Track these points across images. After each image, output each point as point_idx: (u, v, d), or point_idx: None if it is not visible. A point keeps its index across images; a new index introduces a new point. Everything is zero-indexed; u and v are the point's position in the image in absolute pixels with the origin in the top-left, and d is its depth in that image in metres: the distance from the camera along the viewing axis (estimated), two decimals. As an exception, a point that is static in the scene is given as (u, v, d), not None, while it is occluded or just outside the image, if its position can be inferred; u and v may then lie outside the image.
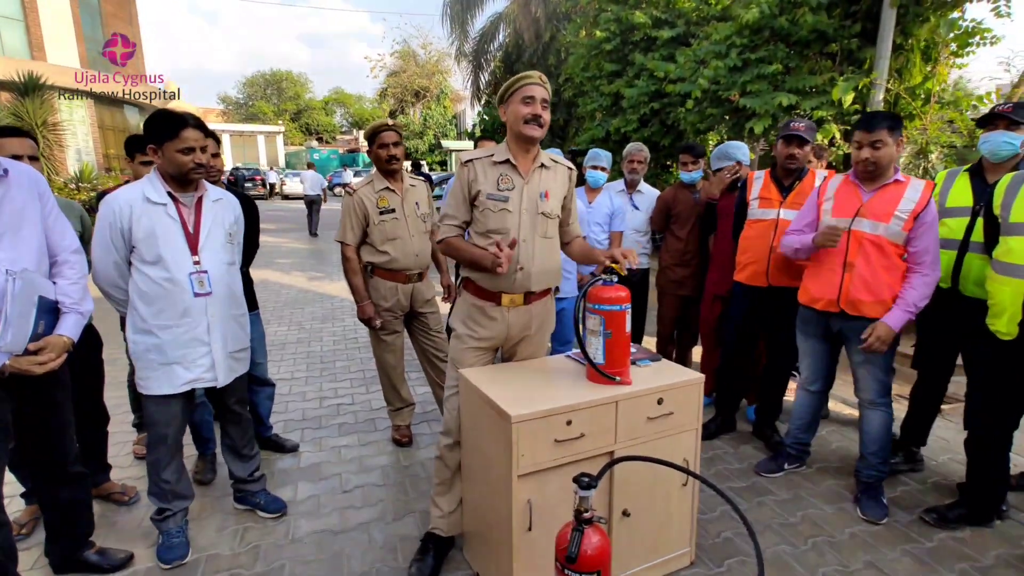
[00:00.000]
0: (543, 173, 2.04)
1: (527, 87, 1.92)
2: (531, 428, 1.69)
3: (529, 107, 1.91)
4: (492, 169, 1.99)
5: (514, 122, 1.94)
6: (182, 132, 1.91)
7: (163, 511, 2.17)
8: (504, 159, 1.99)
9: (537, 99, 1.92)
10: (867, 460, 2.48)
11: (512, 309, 2.04)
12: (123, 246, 1.95)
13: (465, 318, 2.08)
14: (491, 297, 2.02)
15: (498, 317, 2.03)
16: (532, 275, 2.01)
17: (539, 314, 2.11)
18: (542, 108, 1.93)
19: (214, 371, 2.07)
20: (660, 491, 1.99)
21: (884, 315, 2.29)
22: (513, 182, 1.98)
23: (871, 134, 2.24)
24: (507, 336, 2.08)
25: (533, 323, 2.09)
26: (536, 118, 1.92)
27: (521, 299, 2.04)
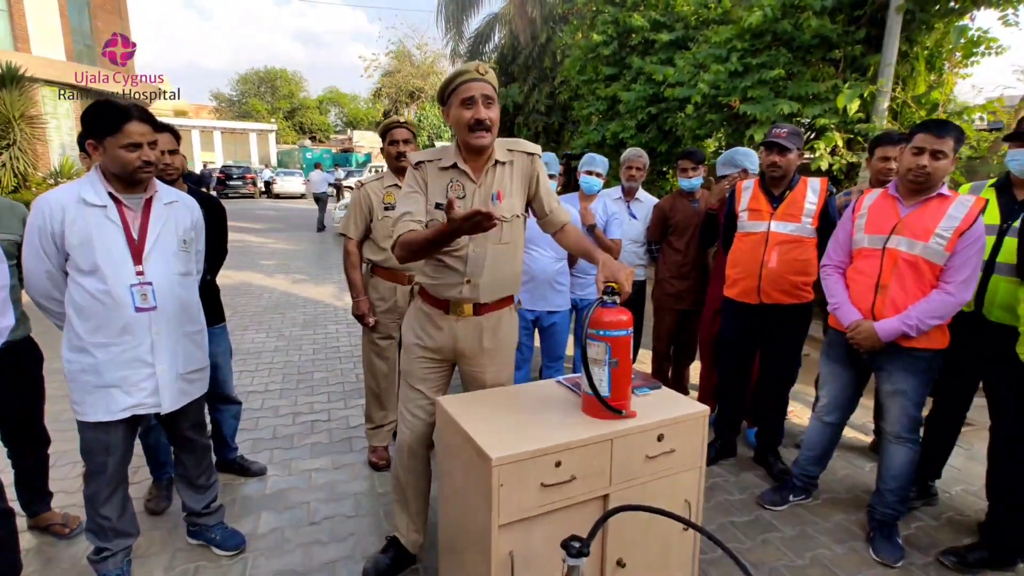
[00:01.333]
0: (497, 171, 1.82)
1: (465, 86, 1.68)
2: (515, 471, 1.47)
3: (470, 110, 1.67)
4: (440, 176, 1.80)
5: (458, 129, 1.73)
6: (125, 126, 1.68)
7: (101, 551, 1.93)
8: (452, 164, 1.79)
9: (478, 98, 1.67)
10: (884, 497, 2.29)
11: (460, 320, 1.87)
12: (56, 253, 1.72)
13: (414, 325, 1.94)
14: (440, 305, 1.87)
15: (445, 327, 1.88)
16: (481, 287, 1.83)
17: (492, 327, 1.91)
18: (485, 108, 1.68)
19: (158, 396, 1.84)
20: (658, 538, 1.78)
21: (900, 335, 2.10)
22: (464, 188, 1.79)
23: (939, 140, 2.00)
24: (455, 349, 1.90)
25: (485, 336, 1.90)
26: (480, 123, 1.68)
27: (471, 309, 1.86)
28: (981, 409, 2.57)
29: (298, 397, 3.77)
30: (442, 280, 1.84)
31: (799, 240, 2.59)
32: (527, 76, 11.70)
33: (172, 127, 2.30)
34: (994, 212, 2.23)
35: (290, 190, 24.90)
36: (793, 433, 3.30)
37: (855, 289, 2.24)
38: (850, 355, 2.30)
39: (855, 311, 2.22)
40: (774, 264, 2.61)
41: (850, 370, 2.35)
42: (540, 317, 2.99)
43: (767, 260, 2.62)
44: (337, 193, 21.29)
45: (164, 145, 2.18)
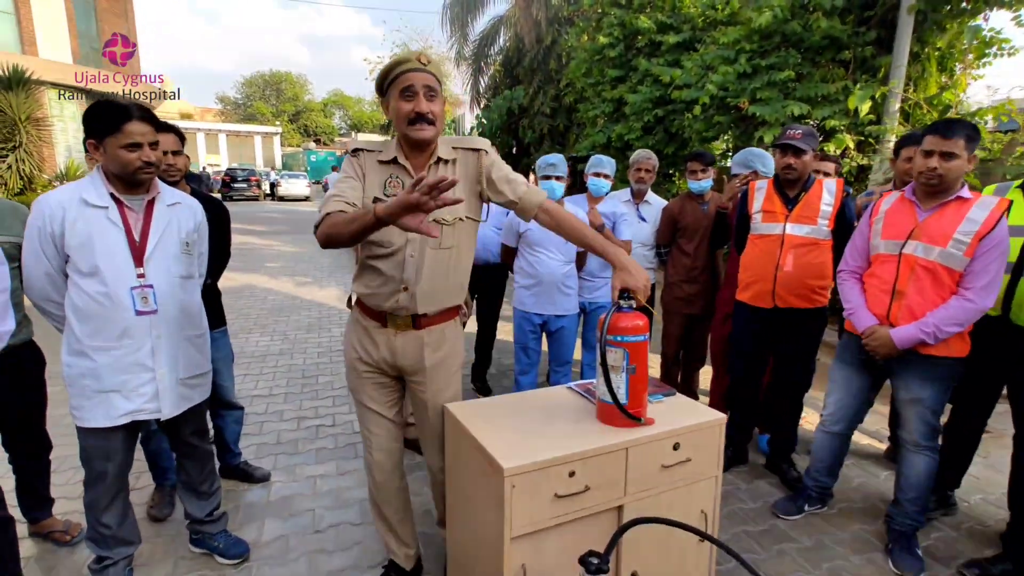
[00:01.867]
0: (439, 169, 1.68)
1: (404, 76, 1.55)
2: (528, 482, 1.42)
3: (410, 103, 1.55)
4: (379, 169, 1.67)
5: (397, 122, 1.60)
6: (125, 126, 1.64)
7: (102, 560, 1.89)
8: (391, 158, 1.66)
9: (418, 89, 1.55)
10: (903, 507, 2.22)
11: (399, 334, 1.74)
12: (56, 255, 1.68)
13: (353, 339, 1.81)
14: (377, 317, 1.74)
15: (381, 342, 1.75)
16: (419, 296, 1.68)
17: (434, 342, 1.77)
18: (427, 100, 1.56)
19: (158, 401, 1.79)
20: (674, 550, 1.73)
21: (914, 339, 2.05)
22: (402, 185, 1.65)
23: (947, 141, 1.95)
24: (394, 365, 1.77)
25: (426, 352, 1.76)
26: (420, 117, 1.56)
27: (409, 322, 1.72)
28: (999, 416, 2.51)
29: (302, 401, 3.73)
30: (378, 288, 1.70)
31: (815, 243, 2.53)
32: (532, 78, 11.66)
33: (176, 128, 2.26)
34: (1021, 213, 2.17)
35: (295, 192, 24.92)
36: (806, 440, 3.23)
37: (871, 294, 2.19)
38: (864, 360, 2.25)
39: (871, 316, 2.16)
40: (790, 267, 2.55)
41: (863, 376, 2.30)
42: (548, 321, 2.94)
43: (783, 263, 2.56)
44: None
45: (167, 146, 2.15)
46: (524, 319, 2.96)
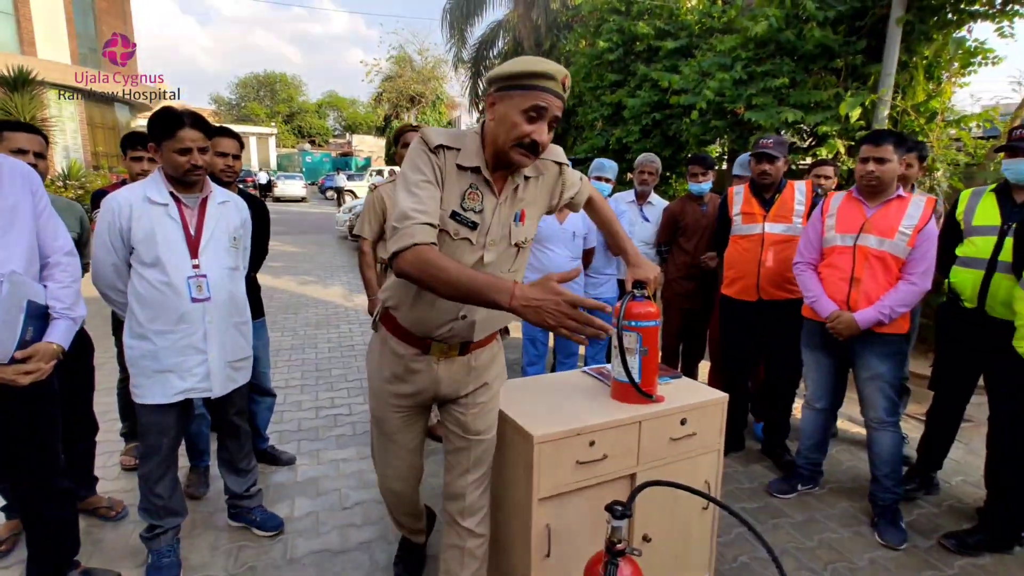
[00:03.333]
0: (524, 187, 1.48)
1: (541, 94, 1.29)
2: (553, 449, 1.60)
3: (532, 124, 1.31)
4: (458, 176, 1.38)
5: (504, 133, 1.33)
6: (178, 132, 1.81)
7: (153, 528, 2.05)
8: (475, 166, 1.39)
9: (548, 115, 1.32)
10: (881, 483, 2.43)
11: (443, 361, 1.54)
12: (122, 247, 1.84)
13: (383, 366, 1.58)
14: (417, 344, 1.51)
15: (423, 369, 1.53)
16: (476, 323, 1.49)
17: (482, 367, 1.60)
18: (550, 129, 1.34)
19: (209, 381, 1.96)
20: (681, 515, 1.91)
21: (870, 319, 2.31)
22: (483, 201, 1.40)
23: (877, 148, 2.28)
24: (436, 394, 1.58)
25: (471, 378, 1.58)
26: (535, 146, 1.33)
27: (457, 349, 1.54)
28: (980, 408, 2.71)
29: (319, 392, 3.89)
30: (426, 314, 1.45)
31: (791, 239, 2.76)
32: (531, 82, 11.87)
33: (237, 135, 2.46)
34: (995, 214, 2.37)
35: (290, 193, 25.01)
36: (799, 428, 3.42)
37: (830, 283, 2.43)
38: (827, 343, 2.48)
39: (832, 303, 2.40)
40: (771, 263, 2.77)
41: (829, 357, 2.54)
42: None
43: (764, 259, 2.78)
44: (338, 198, 21.42)
45: (229, 149, 2.37)
46: None
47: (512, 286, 1.18)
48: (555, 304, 1.16)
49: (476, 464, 1.65)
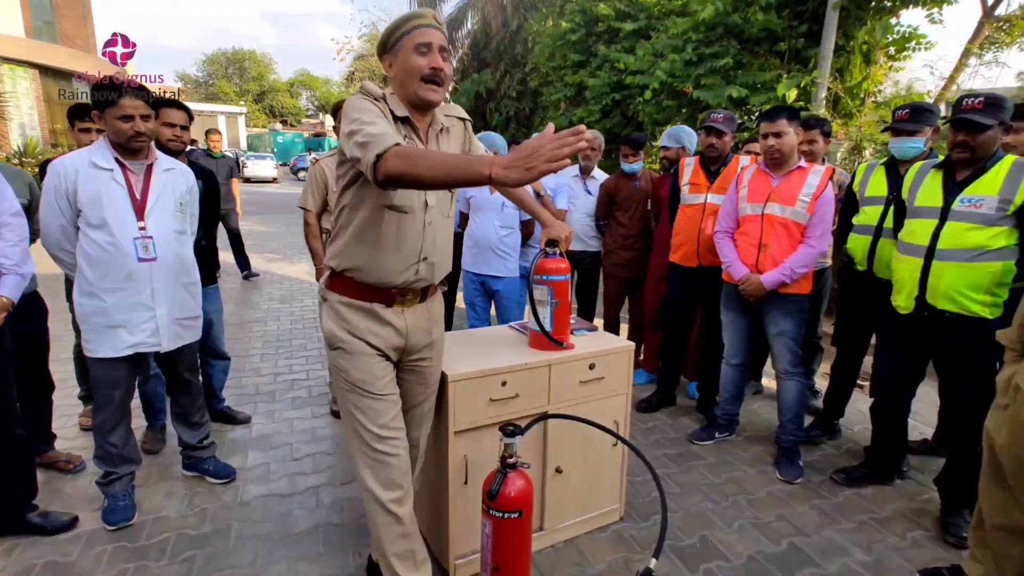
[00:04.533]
0: (442, 138, 1.61)
1: (421, 31, 1.43)
2: (467, 387, 1.80)
3: (426, 58, 1.43)
4: (395, 127, 1.47)
5: (406, 79, 1.45)
6: (120, 100, 1.93)
7: (109, 475, 2.20)
8: (404, 115, 1.50)
9: (435, 47, 1.44)
10: (784, 427, 2.70)
11: (407, 310, 1.59)
12: (69, 209, 1.96)
13: (347, 327, 1.55)
14: (379, 296, 1.54)
15: (392, 320, 1.57)
16: (436, 265, 1.61)
17: (437, 312, 1.72)
18: (442, 59, 1.46)
19: (158, 336, 2.10)
20: (591, 451, 2.14)
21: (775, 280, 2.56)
22: (417, 147, 1.52)
23: (773, 124, 2.50)
24: (402, 347, 1.61)
25: (432, 324, 1.69)
26: (437, 72, 1.44)
27: (419, 296, 1.61)
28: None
29: (278, 360, 4.03)
30: (387, 262, 1.51)
31: None
32: (499, 62, 11.91)
33: (186, 106, 2.57)
34: (883, 185, 2.63)
35: (261, 174, 24.59)
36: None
37: (743, 249, 2.67)
38: (742, 304, 2.72)
39: (744, 267, 2.64)
40: (709, 231, 2.98)
41: (744, 317, 2.78)
42: (487, 281, 3.25)
43: (704, 227, 3.00)
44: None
45: (178, 120, 2.49)
46: (467, 278, 3.31)
47: (490, 158, 1.20)
48: (533, 150, 1.13)
49: (428, 413, 1.78)
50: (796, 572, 2.01)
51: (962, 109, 2.07)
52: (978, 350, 2.07)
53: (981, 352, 2.07)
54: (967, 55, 4.95)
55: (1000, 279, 2.02)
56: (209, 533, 2.15)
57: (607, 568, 2.02)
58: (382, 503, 1.56)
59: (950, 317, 2.11)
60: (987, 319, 2.06)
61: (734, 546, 2.15)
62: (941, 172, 2.17)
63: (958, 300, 2.06)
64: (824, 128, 3.06)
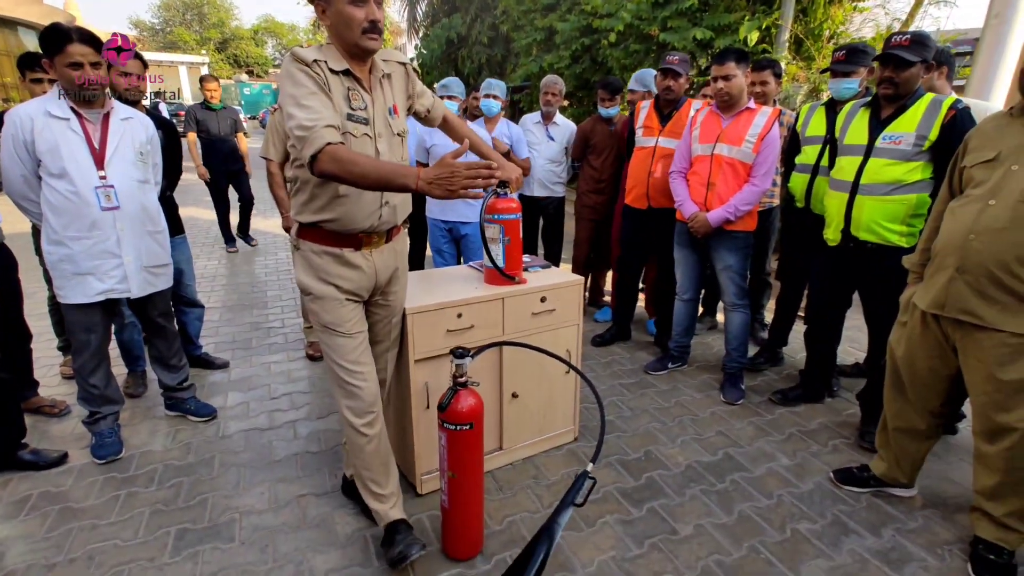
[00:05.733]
0: (385, 84, 1.66)
1: None
2: (425, 319, 1.95)
3: (362, 9, 1.46)
4: (336, 81, 1.51)
5: (344, 30, 1.48)
6: (67, 47, 1.94)
7: (94, 414, 2.33)
8: (344, 68, 1.53)
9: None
10: (730, 354, 2.93)
11: (375, 251, 1.69)
12: (28, 159, 2.01)
13: (320, 273, 1.64)
14: (349, 242, 1.64)
15: (361, 263, 1.66)
16: (397, 208, 1.70)
17: (401, 249, 1.83)
18: (377, 7, 1.50)
19: (127, 283, 2.19)
20: (545, 378, 2.32)
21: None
22: (363, 98, 1.57)
23: (722, 67, 2.59)
24: (373, 286, 1.72)
25: (398, 261, 1.79)
26: (374, 25, 1.48)
27: (384, 237, 1.71)
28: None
29: (254, 311, 4.14)
30: (350, 209, 1.58)
31: None
32: (469, 6, 11.54)
33: (141, 55, 2.55)
34: (823, 125, 2.76)
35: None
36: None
37: (693, 188, 2.80)
38: (692, 241, 2.88)
39: (694, 205, 2.78)
40: (659, 174, 3.10)
41: (694, 253, 2.95)
42: (454, 228, 3.37)
43: (653, 170, 3.11)
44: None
45: (133, 70, 2.51)
46: (434, 225, 3.41)
47: (416, 170, 1.39)
48: (452, 174, 1.37)
49: (394, 343, 1.91)
50: (727, 476, 2.26)
51: (890, 46, 2.19)
52: (895, 276, 2.26)
53: (897, 278, 2.27)
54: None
55: (915, 210, 2.20)
56: (194, 463, 2.32)
57: (560, 479, 2.25)
58: (355, 427, 1.72)
59: (871, 247, 2.29)
60: (904, 248, 2.25)
61: (675, 457, 2.39)
62: (868, 111, 2.31)
63: (877, 231, 2.25)
64: (775, 69, 3.15)
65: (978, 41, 3.86)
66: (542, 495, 2.14)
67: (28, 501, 2.08)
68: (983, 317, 1.67)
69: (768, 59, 3.27)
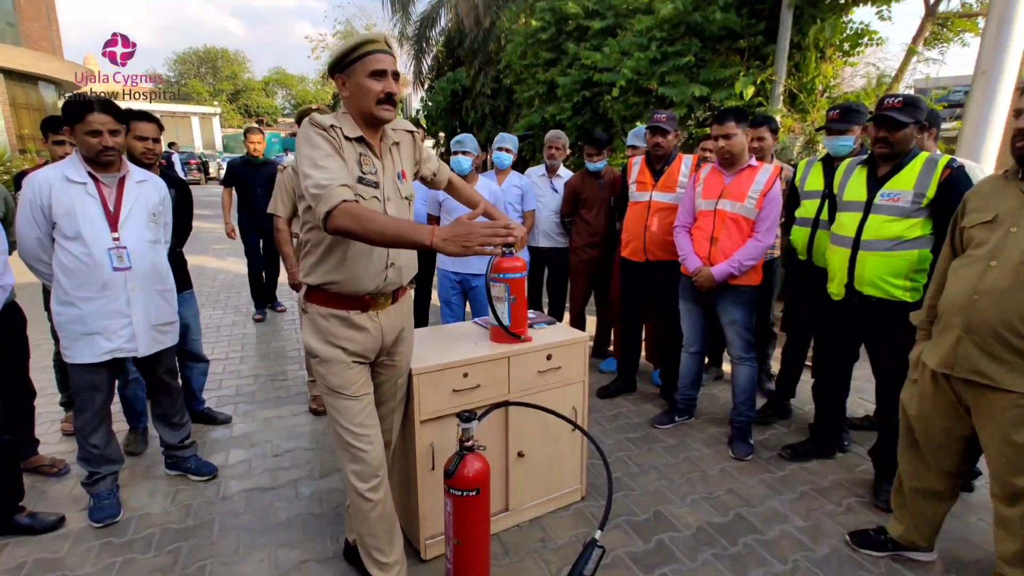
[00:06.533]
0: (394, 151, 1.75)
1: (374, 57, 1.55)
2: (430, 380, 1.94)
3: (380, 83, 1.56)
4: (349, 146, 1.60)
5: (361, 100, 1.58)
6: (88, 116, 2.03)
7: (93, 475, 2.30)
8: (358, 135, 1.62)
9: (389, 72, 1.58)
10: (737, 408, 2.89)
11: (382, 313, 1.72)
12: (44, 222, 2.06)
13: (327, 335, 1.66)
14: (356, 304, 1.67)
15: (368, 325, 1.69)
16: (403, 269, 1.75)
17: (407, 309, 1.87)
18: (396, 81, 1.60)
19: (135, 342, 2.20)
20: (551, 436, 2.29)
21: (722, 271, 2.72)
22: (373, 164, 1.65)
23: (722, 127, 2.65)
24: (379, 347, 1.74)
25: (404, 321, 1.83)
26: (390, 97, 1.58)
27: (390, 298, 1.75)
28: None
29: (257, 362, 4.13)
30: (359, 272, 1.63)
31: (675, 207, 3.13)
32: (473, 60, 11.98)
33: (156, 118, 2.64)
34: (820, 180, 2.82)
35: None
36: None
37: (697, 242, 2.83)
38: (697, 295, 2.89)
39: (697, 260, 2.80)
40: (655, 228, 3.15)
41: (699, 307, 2.94)
42: (465, 279, 3.41)
43: (650, 224, 3.16)
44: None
45: (149, 133, 2.57)
46: (444, 277, 3.45)
47: (431, 228, 1.43)
48: (469, 233, 1.40)
49: (400, 403, 1.90)
50: (740, 539, 2.20)
51: (883, 108, 2.26)
52: (900, 331, 2.26)
53: (903, 333, 2.26)
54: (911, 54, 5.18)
55: (917, 266, 2.22)
56: (193, 526, 2.27)
57: (568, 542, 2.18)
58: (360, 492, 1.71)
59: (876, 302, 2.30)
60: (908, 302, 2.25)
61: (685, 518, 2.33)
62: (866, 169, 2.36)
63: (881, 286, 2.26)
64: (771, 125, 3.24)
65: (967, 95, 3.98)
66: (550, 560, 2.08)
67: (23, 568, 2.02)
68: (993, 377, 1.66)
69: (764, 116, 3.36)
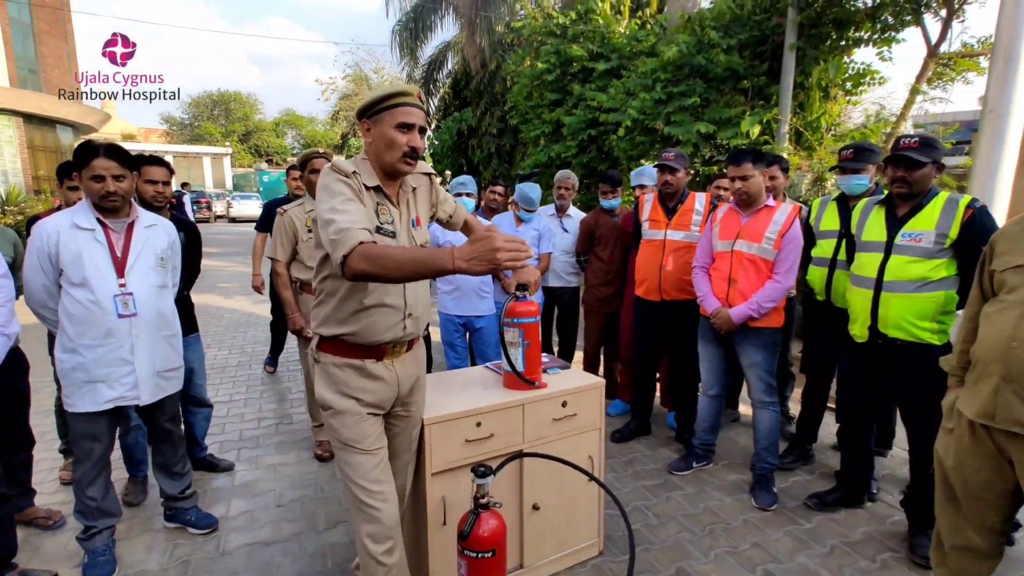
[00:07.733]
0: (412, 198, 1.75)
1: (406, 109, 1.55)
2: (443, 430, 1.86)
3: (407, 136, 1.56)
4: (367, 195, 1.59)
5: (384, 151, 1.58)
6: (92, 161, 2.02)
7: (89, 529, 2.20)
8: (376, 184, 1.62)
9: (416, 127, 1.57)
10: (759, 454, 2.77)
11: (397, 361, 1.69)
12: (51, 269, 2.03)
13: (341, 387, 1.63)
14: (370, 353, 1.64)
15: (384, 375, 1.65)
16: (419, 319, 1.72)
17: (421, 356, 1.85)
18: (420, 135, 1.59)
19: (137, 390, 2.14)
20: (567, 487, 2.19)
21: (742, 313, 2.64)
22: (390, 212, 1.64)
23: (738, 168, 2.61)
24: (394, 397, 1.70)
25: (419, 369, 1.81)
26: (414, 152, 1.58)
27: (404, 348, 1.72)
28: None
29: (262, 404, 4.04)
30: (372, 323, 1.60)
31: (690, 246, 3.09)
32: (479, 101, 12.24)
33: (167, 163, 2.65)
34: (836, 219, 2.78)
35: (247, 213, 24.65)
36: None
37: (715, 283, 2.77)
38: (717, 337, 2.80)
39: (716, 301, 2.73)
40: (671, 267, 3.10)
41: (719, 349, 2.85)
42: (468, 322, 3.37)
43: (665, 263, 3.11)
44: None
45: (159, 177, 2.57)
46: (448, 320, 3.40)
47: (449, 251, 1.34)
48: (492, 247, 1.30)
49: (413, 455, 1.85)
50: (770, 600, 2.06)
51: (900, 148, 2.23)
52: (929, 374, 2.18)
53: (931, 376, 2.17)
54: (914, 93, 5.23)
55: (944, 307, 2.15)
56: (190, 585, 2.15)
57: (586, 604, 2.05)
58: (374, 556, 1.63)
59: (901, 344, 2.22)
60: (935, 345, 2.18)
61: (710, 576, 2.20)
62: (884, 208, 2.32)
63: (907, 328, 2.18)
64: (782, 164, 3.23)
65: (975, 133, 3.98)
66: (568, 624, 1.95)
67: (9, 633, 1.91)
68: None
69: (775, 155, 3.36)
